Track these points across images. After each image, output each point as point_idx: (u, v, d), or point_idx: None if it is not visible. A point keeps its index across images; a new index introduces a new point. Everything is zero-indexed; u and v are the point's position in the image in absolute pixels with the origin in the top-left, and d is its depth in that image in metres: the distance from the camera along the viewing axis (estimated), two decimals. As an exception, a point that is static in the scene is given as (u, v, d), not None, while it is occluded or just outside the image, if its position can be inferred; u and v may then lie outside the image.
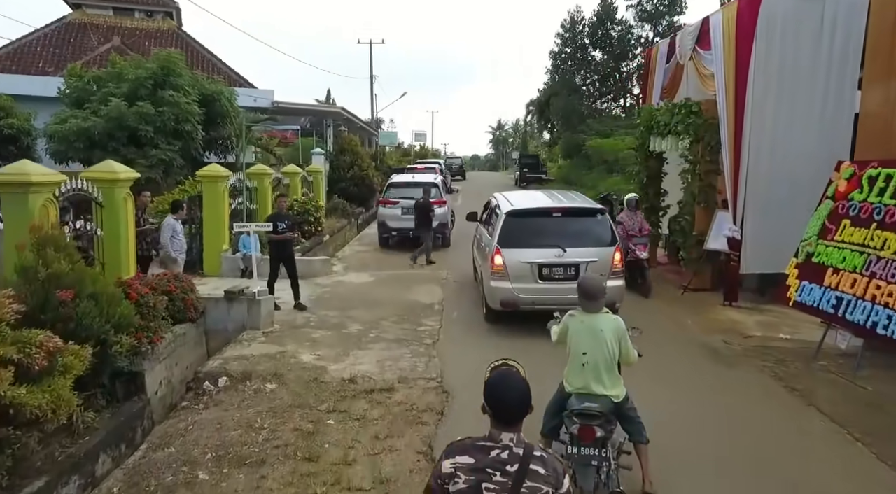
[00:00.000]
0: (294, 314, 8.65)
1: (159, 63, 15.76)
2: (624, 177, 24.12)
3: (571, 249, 7.43)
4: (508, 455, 2.06)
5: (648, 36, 32.17)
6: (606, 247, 7.63)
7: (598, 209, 8.13)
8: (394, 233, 14.03)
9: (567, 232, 7.63)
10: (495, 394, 2.11)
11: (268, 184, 13.73)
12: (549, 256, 7.44)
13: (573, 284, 7.08)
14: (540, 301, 7.43)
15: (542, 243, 7.53)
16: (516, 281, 7.49)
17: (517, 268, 7.49)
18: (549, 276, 7.48)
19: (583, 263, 7.45)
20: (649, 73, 13.09)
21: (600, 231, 7.79)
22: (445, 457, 2.12)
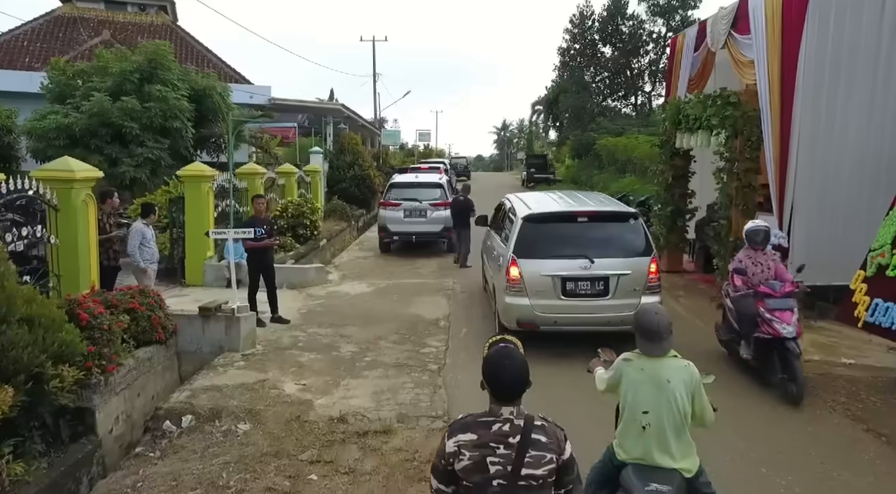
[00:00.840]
0: (280, 332, 7.62)
1: (146, 56, 14.81)
2: (638, 177, 23.04)
3: (600, 260, 6.42)
4: (510, 427, 2.11)
5: (661, 31, 31.13)
6: (640, 256, 6.60)
7: (631, 213, 7.10)
8: (395, 238, 13.00)
9: (594, 239, 6.65)
10: (494, 371, 2.16)
11: (259, 184, 12.72)
12: (574, 268, 6.44)
13: (602, 301, 6.28)
14: (563, 320, 6.49)
15: (565, 253, 6.53)
16: (535, 296, 6.47)
17: (536, 282, 6.47)
18: (574, 291, 6.47)
19: (613, 276, 6.45)
20: (674, 63, 12.01)
21: (633, 238, 6.75)
22: (449, 436, 2.16)
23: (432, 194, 12.90)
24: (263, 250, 7.90)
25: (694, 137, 10.16)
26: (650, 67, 31.95)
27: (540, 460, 2.10)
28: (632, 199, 17.15)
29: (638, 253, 6.62)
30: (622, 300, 6.37)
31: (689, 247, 11.80)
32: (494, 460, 2.09)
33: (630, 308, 6.30)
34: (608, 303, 6.40)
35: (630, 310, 6.26)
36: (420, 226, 12.60)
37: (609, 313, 6.38)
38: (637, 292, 6.45)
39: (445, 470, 2.16)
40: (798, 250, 7.97)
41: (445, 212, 12.74)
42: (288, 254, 11.62)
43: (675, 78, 11.87)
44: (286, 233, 12.92)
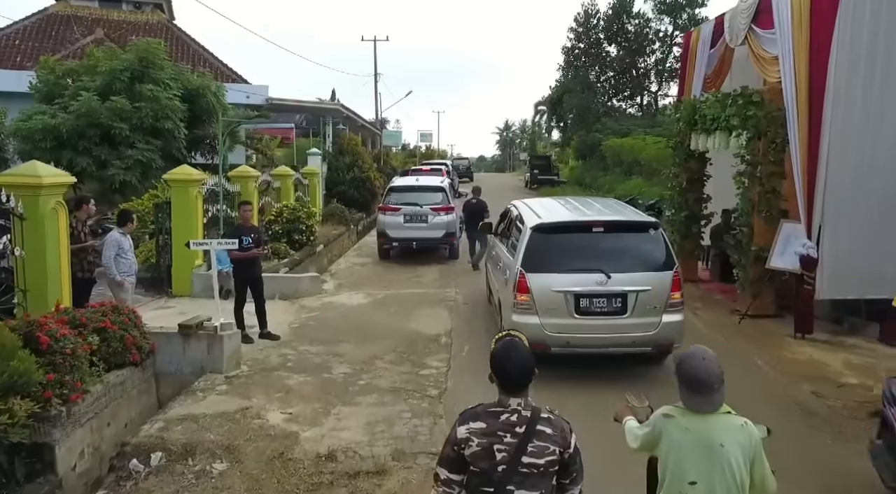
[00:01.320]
0: (268, 350, 7.05)
1: (137, 54, 14.31)
2: (645, 179, 22.44)
3: (617, 274, 5.83)
4: (517, 418, 2.22)
5: (667, 30, 30.48)
6: (661, 271, 6.00)
7: (651, 223, 6.46)
8: (395, 244, 12.41)
9: (611, 252, 6.06)
10: (501, 363, 2.27)
11: (253, 187, 12.17)
12: (589, 283, 5.84)
13: (619, 320, 5.75)
14: (577, 341, 5.92)
15: (578, 266, 5.94)
16: (546, 315, 5.88)
17: (547, 299, 5.88)
18: (589, 309, 5.88)
19: (631, 292, 5.85)
20: (688, 61, 11.42)
21: (653, 250, 6.14)
22: (460, 424, 2.26)
23: (433, 198, 12.32)
24: (251, 261, 7.34)
25: (711, 139, 9.57)
26: (656, 67, 31.31)
27: (543, 450, 2.20)
28: (641, 203, 16.55)
29: (659, 267, 6.02)
30: (641, 318, 5.84)
31: (703, 255, 11.22)
32: (501, 447, 2.20)
33: (650, 327, 5.90)
34: (626, 322, 5.85)
35: (650, 330, 5.85)
36: (421, 232, 12.03)
37: (627, 333, 5.86)
38: (658, 310, 5.88)
39: (457, 457, 2.24)
40: (828, 261, 7.40)
41: (447, 218, 12.17)
42: (282, 262, 11.06)
43: (689, 76, 11.28)
44: (281, 239, 12.38)
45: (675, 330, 5.95)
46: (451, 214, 12.24)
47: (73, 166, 13.11)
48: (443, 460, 2.30)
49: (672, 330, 5.90)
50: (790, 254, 7.76)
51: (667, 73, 31.16)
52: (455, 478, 2.26)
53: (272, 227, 12.57)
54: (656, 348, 5.96)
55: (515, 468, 2.18)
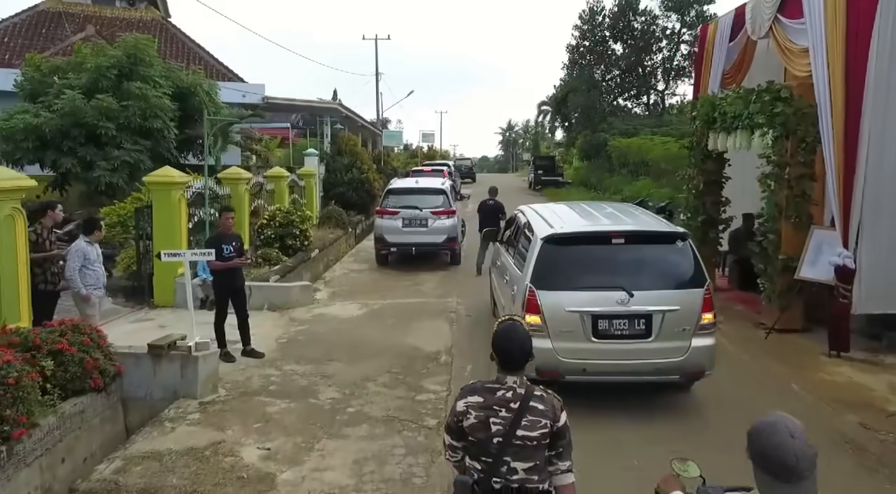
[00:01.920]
0: (251, 370, 6.41)
1: (126, 50, 13.70)
2: (653, 179, 21.75)
3: (640, 292, 5.12)
4: (512, 394, 2.41)
5: (675, 27, 29.73)
6: (690, 288, 5.28)
7: (679, 233, 5.65)
8: (393, 250, 11.77)
9: (633, 266, 5.37)
10: (502, 344, 2.47)
11: (244, 190, 11.54)
12: (608, 302, 5.14)
13: (643, 344, 5.12)
14: (595, 368, 5.21)
15: (596, 283, 5.26)
16: (559, 338, 5.18)
17: (560, 320, 5.18)
18: (608, 332, 5.18)
19: (657, 313, 5.15)
20: (704, 55, 10.75)
21: (681, 265, 5.42)
22: (459, 398, 2.50)
23: (434, 201, 11.67)
24: (232, 271, 6.71)
25: (731, 138, 8.91)
26: (663, 65, 30.56)
27: (535, 424, 2.38)
28: (651, 205, 15.87)
29: (688, 284, 5.30)
30: (668, 343, 5.15)
31: (720, 261, 10.55)
32: (496, 421, 2.39)
33: (678, 352, 5.20)
34: (651, 347, 5.16)
35: (678, 356, 5.16)
36: (420, 237, 11.38)
37: (652, 359, 5.17)
38: (687, 333, 5.18)
39: (457, 427, 2.47)
40: (866, 272, 6.73)
41: (448, 222, 11.52)
42: (273, 269, 10.43)
43: (705, 72, 10.61)
44: (273, 244, 11.75)
45: (707, 355, 5.26)
46: (452, 218, 11.60)
47: (57, 167, 12.57)
48: (447, 427, 2.56)
49: (703, 356, 5.22)
50: (823, 264, 7.10)
51: (674, 72, 30.47)
52: (457, 445, 2.53)
53: (264, 232, 11.96)
54: (685, 376, 5.32)
55: (510, 440, 2.37)
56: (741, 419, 5.25)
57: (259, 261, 10.96)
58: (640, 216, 6.44)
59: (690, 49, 30.23)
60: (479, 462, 2.44)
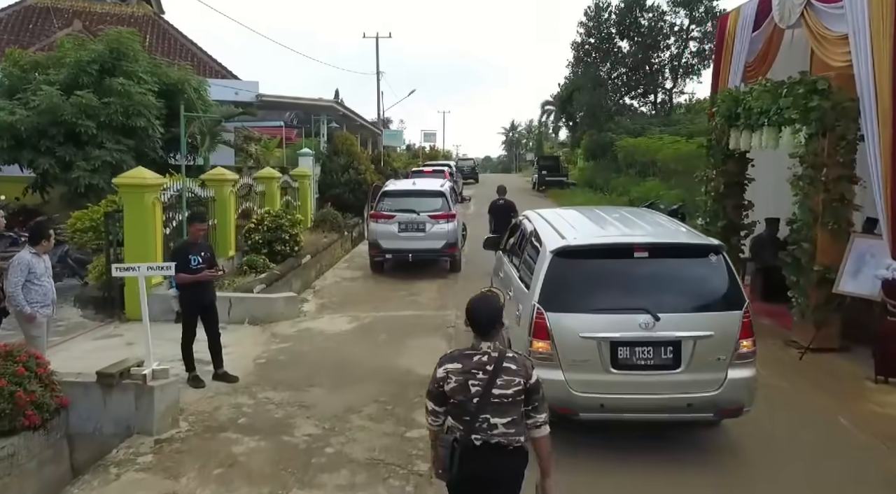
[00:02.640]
0: (221, 398, 5.66)
1: (108, 44, 13.00)
2: (662, 180, 20.94)
3: (667, 315, 4.37)
4: (488, 358, 2.72)
5: (683, 23, 28.86)
6: (727, 310, 4.52)
7: (712, 246, 4.86)
8: (388, 257, 11.00)
9: (659, 284, 4.62)
10: (474, 313, 2.78)
11: (229, 192, 10.81)
12: (630, 327, 4.40)
13: (671, 376, 4.43)
14: (614, 404, 4.44)
15: (616, 304, 4.52)
16: (572, 369, 4.43)
17: (574, 348, 4.43)
18: (630, 362, 4.42)
19: (687, 339, 4.39)
20: (724, 47, 9.95)
21: (715, 283, 4.68)
22: (439, 366, 2.79)
23: (432, 204, 10.90)
24: (202, 285, 5.95)
25: (756, 136, 8.14)
26: (671, 62, 29.71)
27: (510, 383, 2.70)
28: (662, 208, 15.08)
29: (723, 305, 4.56)
30: (700, 374, 4.41)
31: (742, 269, 9.75)
32: (475, 383, 2.69)
33: (712, 385, 4.42)
34: (680, 379, 4.42)
35: (712, 389, 4.39)
36: (417, 243, 10.62)
37: (681, 393, 4.41)
38: (722, 363, 4.42)
39: (438, 393, 2.78)
40: (919, 287, 5.93)
41: (448, 226, 10.75)
42: (258, 277, 9.68)
43: (725, 64, 9.82)
44: (261, 250, 11.02)
45: (746, 389, 4.50)
46: (451, 222, 10.82)
47: (34, 167, 11.89)
48: (429, 394, 2.85)
49: (741, 390, 4.46)
50: (866, 277, 6.32)
51: (682, 70, 29.63)
52: (439, 410, 2.82)
53: (252, 237, 11.23)
54: (720, 414, 4.56)
55: (488, 399, 2.68)
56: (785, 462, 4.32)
57: (244, 269, 10.24)
58: (665, 224, 5.64)
59: (699, 46, 29.46)
60: (461, 421, 2.71)
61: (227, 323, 8.05)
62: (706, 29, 28.92)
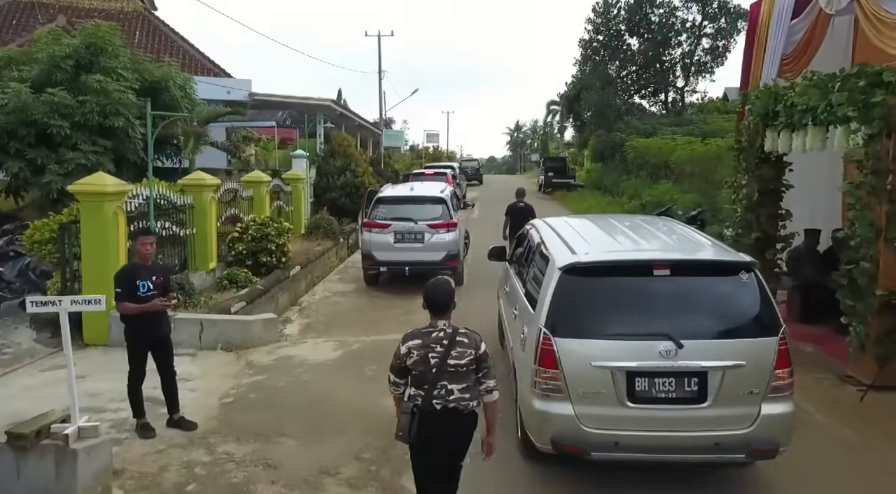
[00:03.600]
0: (170, 453, 4.71)
1: (84, 39, 12.14)
2: (676, 183, 19.90)
3: (692, 342, 3.85)
4: (443, 334, 3.18)
5: (695, 19, 27.80)
6: (760, 336, 3.96)
7: (743, 263, 4.22)
8: (383, 270, 10.02)
9: (681, 306, 4.10)
10: (431, 295, 3.25)
11: (209, 199, 9.87)
12: (649, 355, 3.88)
13: (696, 411, 3.92)
14: (630, 442, 3.93)
15: (633, 329, 4.01)
16: (583, 402, 3.93)
17: (585, 378, 3.93)
18: (649, 395, 3.91)
19: (714, 370, 3.85)
20: (757, 38, 8.95)
21: (746, 305, 4.11)
22: (402, 343, 3.25)
23: (431, 212, 9.92)
24: (152, 317, 5.00)
25: (798, 137, 7.13)
26: (683, 60, 28.64)
27: (463, 354, 3.16)
28: (681, 214, 14.06)
29: (755, 331, 3.99)
30: (730, 409, 3.89)
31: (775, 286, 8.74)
32: (433, 355, 3.15)
33: (743, 422, 3.89)
34: (706, 415, 3.89)
35: (743, 426, 3.86)
36: (415, 254, 9.64)
37: (707, 431, 3.89)
38: (756, 396, 3.88)
39: (401, 367, 3.25)
40: None
41: (448, 236, 9.77)
42: (239, 294, 8.74)
43: (757, 57, 8.83)
44: (245, 261, 10.09)
45: (783, 426, 3.94)
46: (452, 232, 9.84)
47: (5, 170, 11.05)
48: (392, 368, 3.32)
49: (777, 428, 3.92)
50: (943, 305, 5.31)
51: (695, 68, 28.55)
52: (400, 381, 3.31)
53: (235, 247, 10.30)
54: (752, 454, 3.98)
55: (445, 368, 3.13)
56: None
57: (224, 284, 9.30)
58: (688, 236, 4.91)
59: (712, 43, 28.35)
60: (421, 389, 3.17)
61: (198, 348, 7.15)
62: (720, 25, 27.85)
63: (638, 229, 5.23)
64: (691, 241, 4.81)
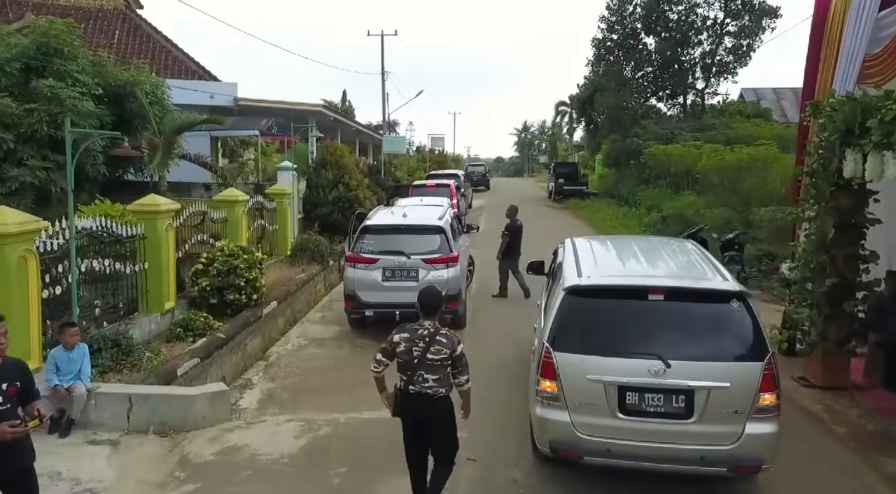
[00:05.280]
0: None
1: (35, 38, 10.73)
2: (700, 195, 18.17)
3: (680, 363, 4.24)
4: (427, 332, 3.94)
5: (717, 17, 25.99)
6: (746, 361, 4.31)
7: (734, 292, 4.56)
8: (369, 314, 8.36)
9: (672, 329, 4.52)
10: (422, 297, 4.07)
11: (164, 228, 8.31)
12: (640, 372, 4.30)
13: (682, 425, 4.36)
14: (621, 450, 4.33)
15: (625, 348, 4.41)
16: (578, 411, 4.40)
17: (581, 390, 4.39)
18: (639, 408, 4.32)
19: (701, 389, 4.24)
20: (826, 37, 7.28)
21: (735, 330, 4.50)
22: (395, 334, 4.02)
23: (427, 244, 8.29)
24: (5, 446, 3.42)
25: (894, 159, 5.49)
26: (703, 60, 26.85)
27: (440, 351, 3.92)
28: (716, 237, 12.39)
29: (743, 355, 4.37)
30: (715, 426, 4.26)
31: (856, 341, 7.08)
32: (416, 348, 3.93)
33: (727, 439, 4.25)
34: (692, 430, 4.28)
35: (727, 443, 4.24)
36: (408, 295, 7.80)
37: (693, 445, 4.28)
38: (740, 415, 4.24)
39: (389, 351, 4.01)
40: None
41: (448, 273, 8.15)
42: (192, 348, 7.17)
43: (827, 61, 7.17)
44: (210, 298, 8.57)
45: (766, 445, 4.30)
46: (452, 267, 8.22)
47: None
48: (382, 350, 4.05)
49: (760, 446, 4.28)
50: None
51: (716, 68, 26.78)
52: (385, 361, 4.03)
53: (199, 282, 8.77)
54: (735, 469, 4.35)
55: (424, 360, 3.91)
56: None
57: (178, 333, 7.73)
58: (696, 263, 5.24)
59: (736, 41, 26.53)
60: (405, 374, 3.98)
61: (125, 432, 5.62)
62: (744, 23, 26.02)
63: (650, 252, 5.61)
64: (695, 268, 5.13)
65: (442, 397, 3.95)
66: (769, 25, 25.78)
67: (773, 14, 25.61)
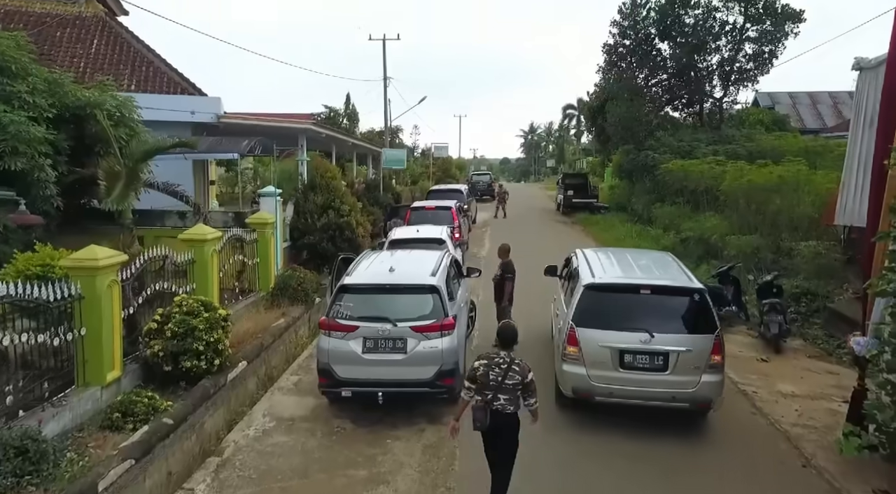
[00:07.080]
0: None
1: (-23, 55, 9.47)
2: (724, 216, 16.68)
3: (660, 335, 6.57)
4: (503, 362, 5.01)
5: (737, 21, 24.43)
6: (703, 333, 6.65)
7: (695, 288, 6.92)
8: (345, 394, 6.93)
9: (656, 313, 6.81)
10: (501, 333, 5.26)
11: (109, 286, 6.99)
12: (633, 341, 6.60)
13: (660, 376, 6.65)
14: (619, 392, 6.66)
15: (625, 325, 6.72)
16: (592, 367, 6.70)
17: (594, 353, 6.70)
18: (632, 364, 6.62)
19: (673, 352, 6.56)
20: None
21: (696, 314, 6.79)
22: (476, 360, 5.18)
23: (417, 307, 6.87)
24: None
25: None
26: (721, 67, 25.33)
27: (514, 377, 4.98)
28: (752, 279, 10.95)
29: (701, 330, 6.68)
30: (682, 376, 6.56)
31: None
32: (493, 374, 4.98)
33: (690, 385, 6.56)
34: (666, 379, 6.59)
35: (690, 388, 6.55)
36: (393, 371, 6.62)
37: (667, 389, 6.59)
38: (698, 370, 6.55)
39: (472, 376, 5.08)
40: None
41: (443, 342, 6.77)
42: (128, 443, 5.83)
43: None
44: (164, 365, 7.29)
45: (714, 389, 6.60)
46: (448, 336, 6.82)
47: None
48: (468, 377, 5.18)
49: (711, 390, 6.58)
50: None
51: (735, 75, 25.25)
52: (472, 386, 5.08)
53: (151, 345, 7.46)
54: (694, 405, 6.68)
55: (500, 385, 4.95)
56: None
57: (115, 419, 6.40)
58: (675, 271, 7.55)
59: (757, 47, 24.98)
60: (482, 395, 5.01)
61: None
62: (765, 28, 24.48)
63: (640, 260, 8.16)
64: (674, 274, 7.46)
65: (511, 413, 5.04)
66: (792, 30, 24.21)
67: (796, 18, 24.05)
